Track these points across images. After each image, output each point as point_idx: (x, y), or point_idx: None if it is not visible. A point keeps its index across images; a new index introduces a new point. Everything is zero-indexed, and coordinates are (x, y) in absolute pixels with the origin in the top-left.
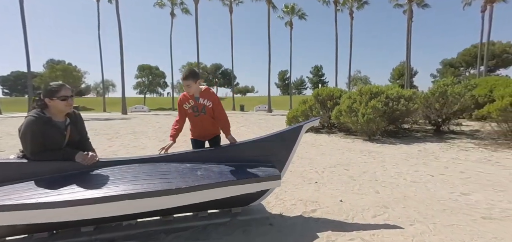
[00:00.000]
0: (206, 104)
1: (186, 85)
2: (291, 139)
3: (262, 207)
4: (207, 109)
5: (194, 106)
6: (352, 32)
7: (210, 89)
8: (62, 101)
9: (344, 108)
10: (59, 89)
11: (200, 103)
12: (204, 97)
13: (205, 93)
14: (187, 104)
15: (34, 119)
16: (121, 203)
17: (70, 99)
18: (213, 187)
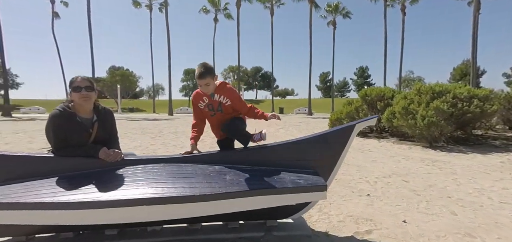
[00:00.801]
0: (222, 102)
1: (204, 84)
2: (340, 141)
3: (303, 222)
4: (224, 107)
5: (209, 104)
6: (404, 28)
7: (226, 84)
8: (76, 93)
9: (398, 110)
10: (74, 81)
11: (215, 101)
12: (219, 94)
13: (221, 89)
14: (202, 102)
15: (57, 113)
16: (140, 208)
17: (83, 91)
18: (243, 196)
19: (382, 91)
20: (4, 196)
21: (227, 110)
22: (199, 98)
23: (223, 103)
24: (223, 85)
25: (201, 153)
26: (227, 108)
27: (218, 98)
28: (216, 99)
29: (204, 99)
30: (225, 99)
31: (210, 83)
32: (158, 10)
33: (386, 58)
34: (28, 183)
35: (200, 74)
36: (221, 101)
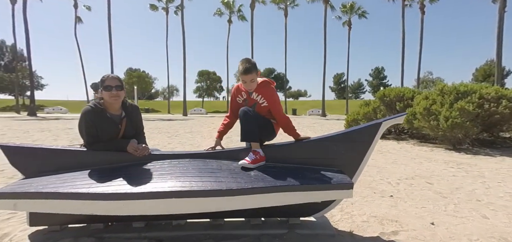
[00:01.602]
0: (258, 101)
1: (250, 80)
2: (365, 139)
3: (326, 221)
4: (258, 107)
5: (246, 100)
6: (422, 28)
7: (268, 84)
8: (107, 92)
9: (419, 111)
10: (105, 80)
11: (252, 99)
12: (258, 93)
13: (261, 88)
14: (240, 97)
15: (89, 109)
16: (168, 201)
17: (114, 90)
18: (270, 191)
19: (402, 91)
20: (43, 186)
21: (261, 111)
22: (239, 93)
23: (258, 103)
24: (264, 84)
25: (225, 149)
26: (261, 109)
27: (255, 97)
28: (253, 97)
29: (243, 94)
30: (262, 100)
31: (255, 80)
32: (174, 13)
33: (404, 58)
34: (63, 175)
35: (246, 69)
36: (258, 101)
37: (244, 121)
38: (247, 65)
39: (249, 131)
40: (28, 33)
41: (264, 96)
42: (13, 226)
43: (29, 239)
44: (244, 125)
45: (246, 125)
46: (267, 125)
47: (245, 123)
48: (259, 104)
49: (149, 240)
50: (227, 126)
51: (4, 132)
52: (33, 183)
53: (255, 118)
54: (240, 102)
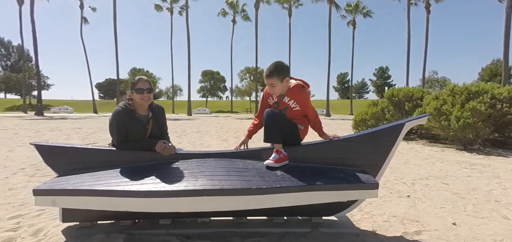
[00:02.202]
0: (290, 105)
1: (269, 84)
2: (388, 139)
3: (347, 220)
4: (289, 111)
5: (276, 102)
6: (428, 27)
7: (301, 88)
8: (138, 95)
9: (429, 111)
10: (136, 83)
11: (283, 102)
12: (290, 97)
13: (293, 92)
14: (271, 99)
15: (120, 110)
16: (200, 198)
17: (145, 93)
18: (297, 191)
19: (411, 91)
20: (79, 183)
21: (291, 115)
22: (269, 95)
23: (290, 107)
24: (297, 88)
25: (248, 149)
26: (292, 113)
27: (287, 101)
28: (285, 101)
29: (274, 97)
30: (294, 104)
31: (276, 85)
32: (178, 13)
33: (410, 58)
34: (95, 173)
35: (268, 72)
36: (289, 105)
37: (267, 123)
38: (270, 69)
39: (272, 133)
40: (35, 33)
41: (297, 101)
42: (45, 222)
43: (63, 234)
44: (267, 127)
45: (269, 127)
46: (294, 131)
47: (269, 125)
48: (290, 109)
49: (177, 237)
50: (257, 126)
51: (17, 131)
52: (69, 180)
53: (278, 121)
54: (271, 104)
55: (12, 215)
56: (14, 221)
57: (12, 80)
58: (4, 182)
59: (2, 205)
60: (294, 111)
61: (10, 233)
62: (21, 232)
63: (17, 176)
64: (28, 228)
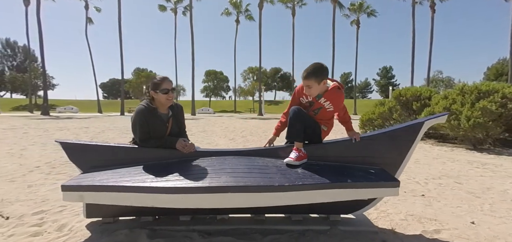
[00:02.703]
0: (325, 106)
1: (306, 86)
2: (407, 138)
3: (364, 218)
4: (322, 112)
5: (310, 102)
6: (433, 26)
7: (338, 90)
8: (164, 95)
9: (438, 111)
10: (161, 83)
11: (318, 103)
12: (327, 99)
13: (331, 94)
14: (304, 98)
15: (142, 109)
16: (224, 195)
17: (170, 93)
18: (319, 188)
19: (419, 91)
20: (105, 180)
21: (323, 116)
22: (303, 94)
23: (324, 108)
24: (335, 90)
25: (266, 148)
26: (324, 114)
27: (323, 102)
28: (321, 102)
29: (309, 96)
30: (329, 105)
31: (313, 87)
32: (182, 13)
33: (414, 57)
34: (119, 170)
35: (305, 75)
36: (324, 106)
37: (293, 121)
38: (308, 70)
39: (297, 131)
40: (41, 34)
41: (332, 102)
42: (68, 217)
43: (87, 229)
44: (292, 126)
45: (295, 126)
46: (316, 132)
47: (294, 124)
48: (324, 109)
49: (198, 233)
50: (285, 123)
51: (26, 131)
52: (94, 177)
53: (304, 121)
54: (303, 102)
55: (35, 211)
56: (38, 217)
57: (18, 80)
58: (22, 179)
59: (25, 201)
60: (327, 112)
61: (35, 228)
62: (46, 227)
63: (33, 173)
64: (52, 223)
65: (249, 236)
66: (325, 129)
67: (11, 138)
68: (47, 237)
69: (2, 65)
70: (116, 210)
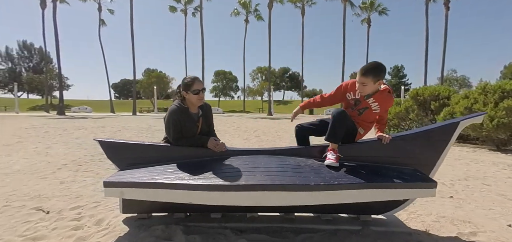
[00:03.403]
0: (372, 107)
1: (361, 82)
2: (442, 138)
3: (396, 219)
4: (367, 112)
5: (357, 100)
6: (447, 25)
7: (389, 94)
8: (195, 95)
9: (460, 111)
10: (192, 84)
11: (366, 102)
12: (376, 100)
13: (382, 96)
14: (351, 95)
15: (175, 109)
16: (262, 193)
17: (201, 93)
18: (356, 188)
19: (437, 90)
20: (144, 177)
21: (367, 117)
22: (353, 90)
23: (370, 109)
24: (386, 93)
25: (297, 147)
26: (369, 115)
27: (371, 103)
28: (369, 102)
29: (357, 94)
30: (377, 107)
31: (367, 85)
32: (192, 14)
33: (427, 56)
34: (154, 167)
35: (363, 71)
36: (371, 107)
37: (337, 123)
38: (367, 67)
39: (338, 133)
40: (57, 36)
41: (381, 105)
42: (103, 213)
43: (125, 224)
44: (335, 127)
45: (338, 128)
46: (353, 134)
47: (338, 125)
48: (370, 110)
49: (231, 230)
50: (314, 104)
51: (46, 130)
52: (133, 174)
53: (347, 125)
54: (349, 99)
55: (72, 206)
56: (75, 212)
57: (35, 81)
58: (53, 176)
59: (61, 197)
60: (373, 113)
61: (75, 223)
62: (84, 222)
63: (62, 171)
64: (89, 218)
65: (282, 234)
66: (361, 132)
67: (34, 137)
68: (88, 230)
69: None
70: (151, 207)
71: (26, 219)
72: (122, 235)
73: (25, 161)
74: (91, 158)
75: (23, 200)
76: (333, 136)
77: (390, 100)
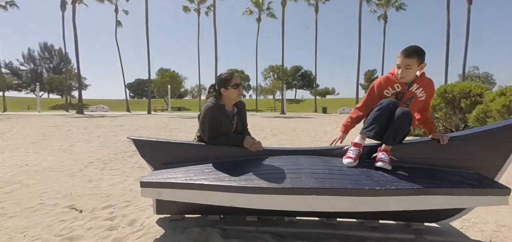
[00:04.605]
0: (417, 95)
1: (405, 65)
2: (509, 139)
3: (451, 228)
4: (414, 102)
5: (399, 93)
6: (469, 19)
7: (430, 79)
8: (235, 90)
9: (496, 108)
10: (231, 78)
11: (409, 92)
12: (420, 85)
13: (423, 80)
14: (390, 90)
15: (212, 106)
16: (311, 197)
17: (240, 88)
18: (416, 194)
19: (468, 87)
20: (178, 177)
21: (415, 106)
22: (389, 84)
23: (416, 97)
24: (426, 77)
25: (338, 147)
26: (416, 104)
27: (415, 90)
28: (413, 90)
29: (396, 86)
30: (422, 93)
31: (412, 68)
32: (205, 13)
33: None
34: (191, 167)
35: (408, 53)
36: (416, 94)
37: (403, 123)
38: (411, 49)
39: (402, 135)
40: (76, 37)
41: (426, 90)
42: (135, 213)
43: (159, 225)
44: (401, 128)
45: (404, 128)
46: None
47: (404, 126)
48: (416, 98)
49: (271, 235)
50: (356, 120)
51: (68, 128)
52: (170, 174)
53: (411, 123)
54: (389, 95)
55: (103, 205)
56: (108, 211)
57: (55, 81)
58: (81, 174)
59: (91, 195)
60: (419, 101)
61: (109, 222)
62: (118, 222)
63: (88, 169)
64: (122, 218)
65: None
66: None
67: (57, 135)
68: (122, 231)
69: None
70: (185, 208)
71: (61, 217)
72: (159, 237)
73: (53, 159)
74: (115, 156)
75: (56, 198)
76: (396, 138)
77: (432, 83)
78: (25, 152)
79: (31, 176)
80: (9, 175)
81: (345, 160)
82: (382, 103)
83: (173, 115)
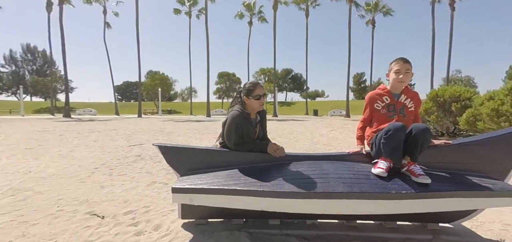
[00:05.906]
0: (407, 105)
1: (405, 69)
2: None
3: (464, 228)
4: (407, 111)
5: (390, 105)
6: (452, 25)
7: (414, 91)
8: (256, 100)
9: (486, 112)
10: (254, 89)
11: (399, 102)
12: (408, 96)
13: (409, 91)
14: (380, 103)
15: (238, 114)
16: (342, 201)
17: (262, 98)
18: (440, 197)
19: (458, 91)
20: (208, 183)
21: (410, 116)
22: (378, 98)
23: (407, 107)
24: (409, 89)
25: (361, 153)
26: (409, 114)
27: (404, 100)
28: (401, 100)
29: (385, 99)
30: (410, 103)
31: (410, 72)
32: (196, 16)
33: (434, 57)
34: (218, 172)
35: (405, 59)
36: (406, 104)
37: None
38: (404, 57)
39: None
40: (63, 39)
41: (413, 100)
42: (158, 218)
43: (185, 230)
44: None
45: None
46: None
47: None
48: (407, 109)
49: (296, 238)
50: (364, 129)
51: (61, 133)
52: (199, 180)
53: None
54: (379, 108)
55: (124, 211)
56: (129, 217)
57: (39, 83)
58: (91, 180)
59: (108, 201)
60: (410, 112)
61: (133, 228)
62: (143, 227)
63: (96, 175)
64: (146, 223)
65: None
66: None
67: (52, 140)
68: (150, 237)
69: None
70: (209, 212)
71: (84, 224)
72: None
73: (56, 165)
74: (118, 161)
75: (73, 205)
76: (419, 153)
77: (418, 94)
78: (23, 158)
79: (40, 183)
80: (17, 182)
81: (375, 170)
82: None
83: (165, 118)
